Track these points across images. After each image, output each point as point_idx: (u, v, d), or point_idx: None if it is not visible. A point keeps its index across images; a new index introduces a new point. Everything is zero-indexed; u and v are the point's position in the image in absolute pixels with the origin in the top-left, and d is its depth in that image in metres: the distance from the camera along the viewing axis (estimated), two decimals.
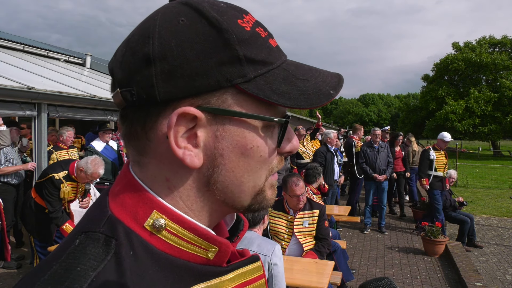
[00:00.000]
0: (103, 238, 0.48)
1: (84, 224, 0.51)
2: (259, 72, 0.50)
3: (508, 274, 5.53)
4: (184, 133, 0.50)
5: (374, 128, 7.52)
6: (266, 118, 0.52)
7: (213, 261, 0.53)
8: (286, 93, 0.50)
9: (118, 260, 0.46)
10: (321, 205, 3.97)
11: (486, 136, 30.27)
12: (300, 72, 0.54)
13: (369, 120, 77.88)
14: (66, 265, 0.45)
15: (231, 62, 0.49)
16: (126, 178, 0.54)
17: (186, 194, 0.53)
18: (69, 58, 11.43)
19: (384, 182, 7.32)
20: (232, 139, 0.51)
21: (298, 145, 0.60)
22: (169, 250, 0.50)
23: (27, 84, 5.09)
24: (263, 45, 0.52)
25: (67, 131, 5.94)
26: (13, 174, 5.02)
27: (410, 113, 35.62)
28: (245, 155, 0.52)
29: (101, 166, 4.04)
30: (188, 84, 0.48)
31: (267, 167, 0.55)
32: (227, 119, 0.50)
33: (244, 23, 0.51)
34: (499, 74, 30.06)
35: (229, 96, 0.50)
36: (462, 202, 7.04)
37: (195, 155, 0.50)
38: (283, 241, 3.84)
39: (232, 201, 0.54)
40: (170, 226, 0.51)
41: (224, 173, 0.52)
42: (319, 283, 2.99)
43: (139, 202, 0.51)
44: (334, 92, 0.53)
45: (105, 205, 0.52)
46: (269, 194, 0.58)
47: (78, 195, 4.23)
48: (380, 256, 6.17)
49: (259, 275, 0.61)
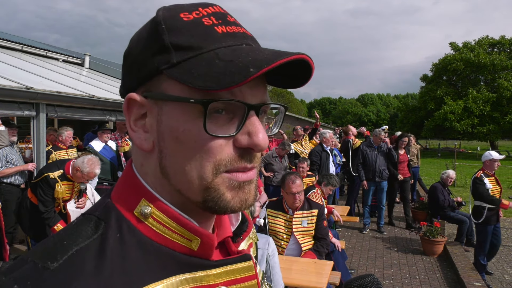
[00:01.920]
0: (95, 219, 0.53)
1: (88, 210, 0.57)
2: (184, 57, 0.51)
3: (507, 274, 5.54)
4: (138, 118, 0.56)
5: (379, 132, 7.44)
6: (181, 98, 0.51)
7: (197, 253, 0.55)
8: (202, 75, 0.49)
9: (102, 240, 0.50)
10: (320, 205, 3.97)
11: (485, 136, 30.30)
12: (234, 54, 0.50)
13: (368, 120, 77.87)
14: (58, 240, 0.51)
15: (161, 50, 0.52)
16: (127, 168, 0.60)
17: (153, 180, 0.56)
18: (67, 58, 11.41)
19: (383, 182, 7.33)
20: (167, 123, 0.53)
21: (261, 142, 0.52)
22: (155, 238, 0.53)
23: (25, 84, 5.08)
24: (199, 32, 0.52)
25: (66, 131, 5.93)
26: (16, 175, 4.99)
27: (409, 113, 35.65)
28: (179, 140, 0.52)
29: (98, 165, 4.00)
30: (137, 75, 0.55)
31: (210, 157, 0.51)
32: (164, 103, 0.53)
33: (190, 14, 0.53)
34: (498, 74, 30.11)
35: (161, 82, 0.53)
36: (460, 202, 7.05)
37: (145, 138, 0.55)
38: (282, 241, 3.84)
39: (185, 192, 0.54)
40: (156, 214, 0.54)
41: (168, 158, 0.53)
42: (318, 283, 2.99)
43: (131, 190, 0.56)
44: (254, 70, 0.47)
45: (109, 193, 0.58)
46: (229, 195, 0.53)
47: (73, 195, 4.20)
48: (379, 256, 6.17)
49: (250, 275, 0.60)
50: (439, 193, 6.83)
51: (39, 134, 5.22)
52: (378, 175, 7.21)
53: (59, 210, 4.19)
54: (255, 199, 0.57)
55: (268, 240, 2.68)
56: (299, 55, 0.50)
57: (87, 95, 6.16)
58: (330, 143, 7.30)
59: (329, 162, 7.16)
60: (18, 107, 4.95)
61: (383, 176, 7.28)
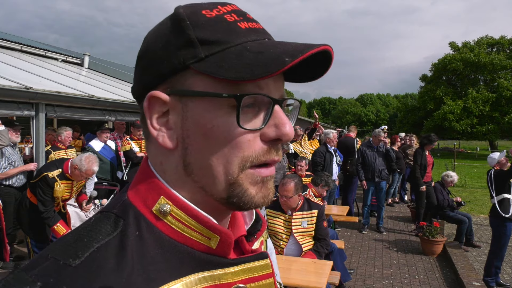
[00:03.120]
0: (114, 217, 0.53)
1: (106, 206, 0.57)
2: (211, 51, 0.51)
3: (506, 274, 5.55)
4: (160, 116, 0.55)
5: (379, 132, 7.42)
6: (213, 94, 0.51)
7: (216, 251, 0.55)
8: (234, 67, 0.49)
9: (122, 238, 0.50)
10: (320, 206, 3.97)
11: (484, 136, 30.31)
12: (262, 47, 0.51)
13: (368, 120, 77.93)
14: (77, 236, 0.50)
15: (186, 45, 0.52)
16: (143, 166, 0.59)
17: (175, 178, 0.55)
18: (67, 58, 11.39)
19: (382, 182, 7.33)
20: (194, 119, 0.53)
21: (288, 132, 0.53)
22: (174, 235, 0.53)
23: (25, 84, 5.07)
24: (223, 27, 0.52)
25: (65, 131, 5.92)
26: (15, 177, 4.97)
27: (408, 113, 35.66)
28: (208, 136, 0.52)
29: (95, 163, 3.99)
30: (157, 72, 0.54)
31: (239, 152, 0.52)
32: (189, 100, 0.53)
33: (212, 12, 0.54)
34: (497, 74, 30.12)
35: (187, 77, 0.52)
36: (460, 202, 7.06)
37: (168, 136, 0.54)
38: (281, 241, 3.84)
39: (209, 189, 0.54)
40: (175, 212, 0.54)
41: (194, 155, 0.53)
42: (318, 283, 2.99)
43: (149, 188, 0.56)
44: (290, 59, 0.48)
45: (125, 191, 0.58)
46: (253, 190, 0.54)
47: (73, 194, 4.20)
48: (378, 256, 6.17)
49: (267, 273, 0.60)
50: (438, 193, 6.84)
51: (38, 134, 5.22)
52: (377, 175, 7.21)
53: (59, 210, 4.20)
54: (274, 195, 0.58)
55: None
56: (325, 46, 0.51)
57: (86, 95, 6.15)
58: (334, 143, 7.29)
59: (333, 163, 7.17)
60: (17, 107, 4.95)
61: (383, 176, 7.28)
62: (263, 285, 0.59)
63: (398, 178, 9.57)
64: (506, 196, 5.02)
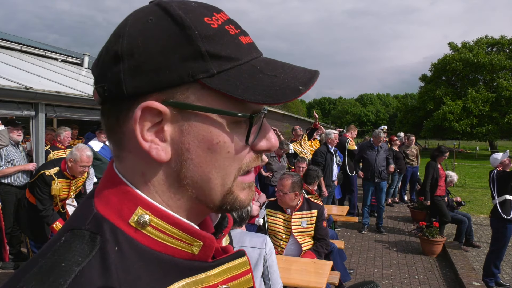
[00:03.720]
0: (88, 234, 0.49)
1: (71, 223, 0.52)
2: (223, 67, 0.50)
3: (506, 274, 5.55)
4: (151, 127, 0.51)
5: (379, 132, 7.41)
6: (228, 112, 0.51)
7: (198, 256, 0.54)
8: (251, 88, 0.50)
9: (103, 256, 0.47)
10: (320, 205, 3.97)
11: (484, 136, 30.31)
12: (269, 68, 0.53)
13: (367, 120, 77.95)
14: (52, 261, 0.46)
15: (194, 57, 0.49)
16: (110, 176, 0.55)
17: (161, 189, 0.53)
18: (66, 58, 11.39)
19: (382, 183, 7.33)
20: (197, 134, 0.51)
21: (276, 143, 0.58)
22: (155, 246, 0.51)
23: (24, 84, 5.07)
24: (230, 42, 0.52)
25: (64, 131, 5.92)
26: (15, 176, 4.94)
27: (408, 113, 35.64)
28: (211, 151, 0.52)
29: (86, 149, 3.96)
30: (153, 79, 0.49)
31: (237, 165, 0.54)
32: (192, 114, 0.51)
33: (212, 20, 0.52)
34: (497, 74, 30.11)
35: (193, 91, 0.50)
36: (459, 202, 7.07)
37: (162, 148, 0.51)
38: (281, 241, 3.84)
39: (204, 199, 0.55)
40: (155, 221, 0.52)
41: (192, 168, 0.52)
42: (317, 283, 2.99)
43: (123, 199, 0.52)
44: (303, 88, 0.52)
45: (91, 203, 0.53)
46: (242, 195, 0.57)
47: (71, 193, 4.18)
48: (378, 256, 6.18)
49: (245, 270, 0.62)
50: None
51: (38, 134, 5.22)
52: (377, 175, 7.21)
53: (58, 210, 4.19)
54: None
55: (265, 239, 2.70)
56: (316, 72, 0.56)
57: (86, 95, 6.16)
58: (335, 143, 7.30)
59: (333, 163, 7.17)
60: (17, 107, 4.95)
61: (383, 177, 7.28)
62: (242, 282, 0.61)
63: (398, 178, 9.58)
64: (508, 197, 4.95)
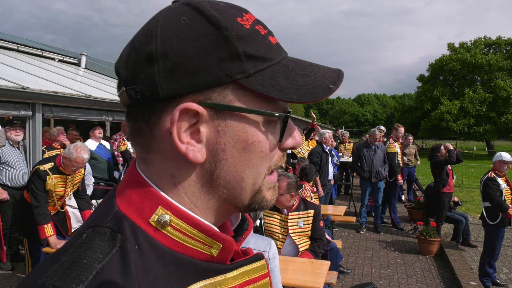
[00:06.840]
0: (109, 232, 0.49)
1: (92, 220, 0.53)
2: (258, 68, 0.51)
3: (503, 273, 5.57)
4: (187, 128, 0.51)
5: (374, 131, 7.44)
6: (266, 113, 0.53)
7: (216, 258, 0.54)
8: (285, 88, 0.51)
9: (123, 254, 0.47)
10: (316, 205, 3.97)
11: (481, 136, 30.42)
12: (300, 67, 0.55)
13: (365, 120, 78.09)
14: (73, 258, 0.46)
15: (231, 58, 0.50)
16: (132, 175, 0.55)
17: (191, 190, 0.54)
18: (64, 58, 11.37)
19: (379, 182, 7.34)
20: (233, 134, 0.52)
21: (301, 141, 0.60)
22: (174, 246, 0.51)
23: (21, 84, 5.06)
24: (263, 42, 0.53)
25: (59, 131, 5.91)
26: (8, 176, 4.90)
27: (405, 113, 35.73)
28: (246, 150, 0.53)
29: (84, 150, 3.91)
30: (190, 80, 0.49)
31: (268, 163, 0.56)
32: (228, 114, 0.51)
33: (244, 21, 0.53)
34: (494, 74, 30.23)
35: (229, 92, 0.51)
36: (457, 201, 7.08)
37: (198, 150, 0.51)
38: (278, 241, 3.83)
39: (234, 199, 0.55)
40: (175, 222, 0.52)
41: (226, 168, 0.53)
42: (315, 283, 2.99)
43: (144, 198, 0.53)
44: (334, 87, 0.54)
45: (113, 201, 0.54)
46: (268, 195, 0.58)
47: (67, 190, 4.14)
48: (375, 255, 6.18)
49: (263, 273, 0.61)
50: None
51: (35, 134, 5.21)
52: (374, 175, 7.22)
53: (57, 210, 4.17)
54: None
55: (270, 243, 2.65)
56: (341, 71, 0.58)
57: (83, 95, 6.14)
58: (329, 143, 7.31)
59: (329, 163, 7.18)
60: (14, 107, 4.93)
61: (380, 177, 7.29)
62: (259, 286, 0.60)
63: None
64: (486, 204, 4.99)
